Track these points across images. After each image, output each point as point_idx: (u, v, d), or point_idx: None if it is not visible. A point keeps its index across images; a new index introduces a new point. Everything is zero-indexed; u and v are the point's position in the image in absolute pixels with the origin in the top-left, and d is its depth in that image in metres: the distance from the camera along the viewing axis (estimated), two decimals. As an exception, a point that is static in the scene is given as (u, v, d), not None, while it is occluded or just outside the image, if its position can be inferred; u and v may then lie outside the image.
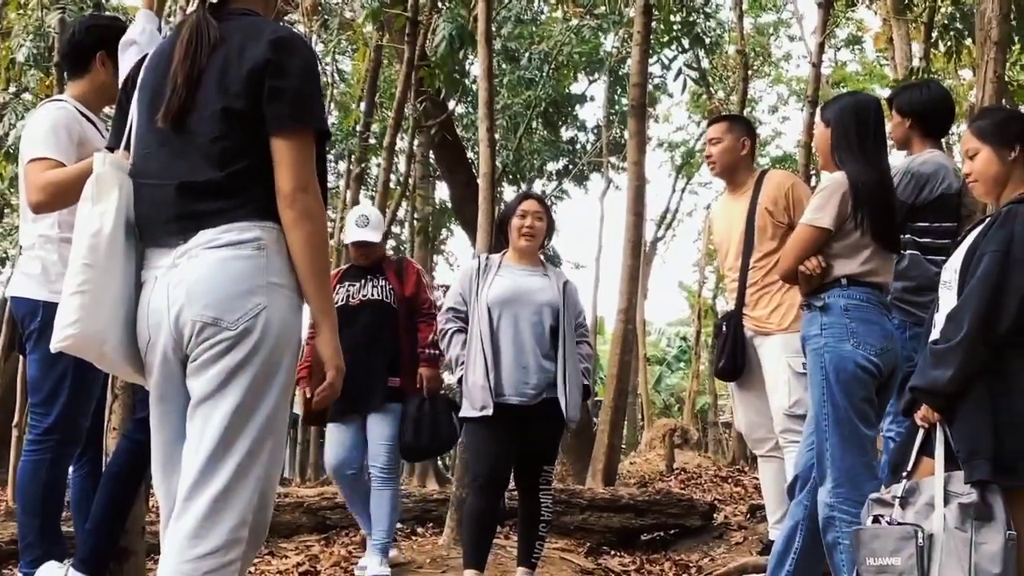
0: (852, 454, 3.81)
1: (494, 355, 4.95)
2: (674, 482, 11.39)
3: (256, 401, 2.48)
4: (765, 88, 24.98)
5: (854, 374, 3.82)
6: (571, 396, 4.93)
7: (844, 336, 3.86)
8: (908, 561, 3.23)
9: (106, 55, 4.01)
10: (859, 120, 4.04)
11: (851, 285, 3.92)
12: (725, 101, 19.05)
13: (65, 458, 3.95)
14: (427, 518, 7.21)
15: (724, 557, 6.37)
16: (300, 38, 2.70)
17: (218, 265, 2.48)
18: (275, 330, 2.48)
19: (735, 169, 5.53)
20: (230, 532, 2.42)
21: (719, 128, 5.63)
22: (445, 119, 11.83)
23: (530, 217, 5.12)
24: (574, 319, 5.14)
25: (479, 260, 5.33)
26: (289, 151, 2.52)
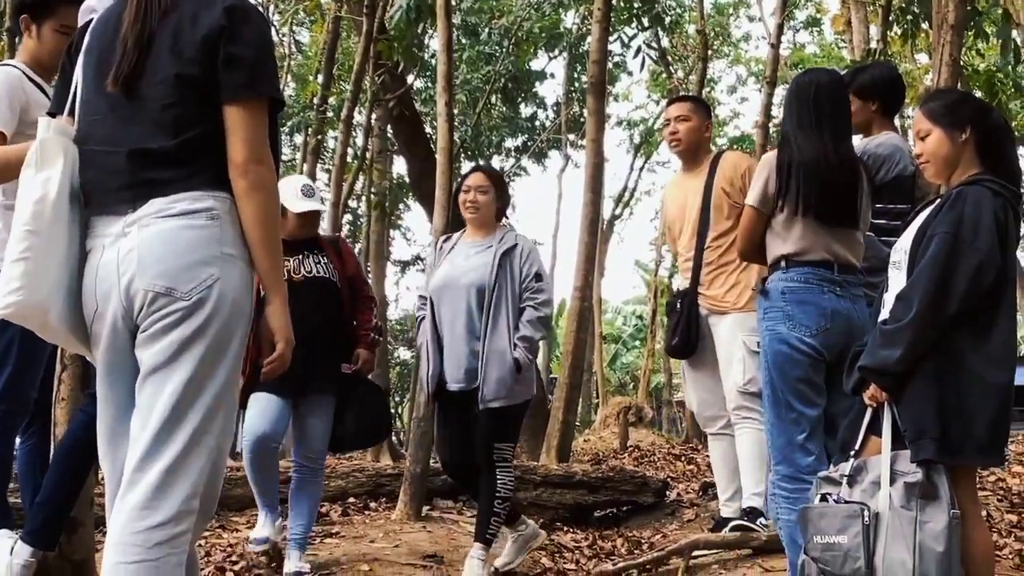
0: (788, 432, 3.88)
1: (436, 343, 5.11)
2: (628, 460, 11.45)
3: (208, 372, 2.46)
4: (724, 68, 25.11)
5: (788, 355, 3.91)
6: (487, 377, 4.91)
7: (781, 319, 3.95)
8: (854, 539, 3.27)
9: (33, 18, 3.93)
10: (798, 97, 4.09)
11: (790, 267, 3.98)
12: (684, 80, 19.09)
13: (11, 429, 3.90)
14: (380, 493, 7.19)
15: (676, 533, 6.40)
16: (253, 6, 2.66)
17: (171, 234, 2.45)
18: (228, 301, 2.47)
19: (697, 149, 5.57)
20: (181, 503, 2.41)
21: (686, 107, 5.65)
22: (403, 93, 11.76)
23: (473, 191, 5.14)
24: (515, 286, 5.02)
25: (436, 244, 5.41)
26: (243, 120, 2.50)
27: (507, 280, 5.01)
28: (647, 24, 10.63)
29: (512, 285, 5.01)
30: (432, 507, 6.91)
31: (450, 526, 6.35)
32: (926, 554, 3.18)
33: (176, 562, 2.40)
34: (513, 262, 5.04)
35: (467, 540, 5.93)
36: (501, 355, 4.92)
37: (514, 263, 5.04)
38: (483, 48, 16.69)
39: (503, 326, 4.96)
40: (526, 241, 5.21)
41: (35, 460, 3.97)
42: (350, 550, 5.48)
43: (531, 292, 5.04)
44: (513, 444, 5.19)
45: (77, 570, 3.82)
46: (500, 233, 5.19)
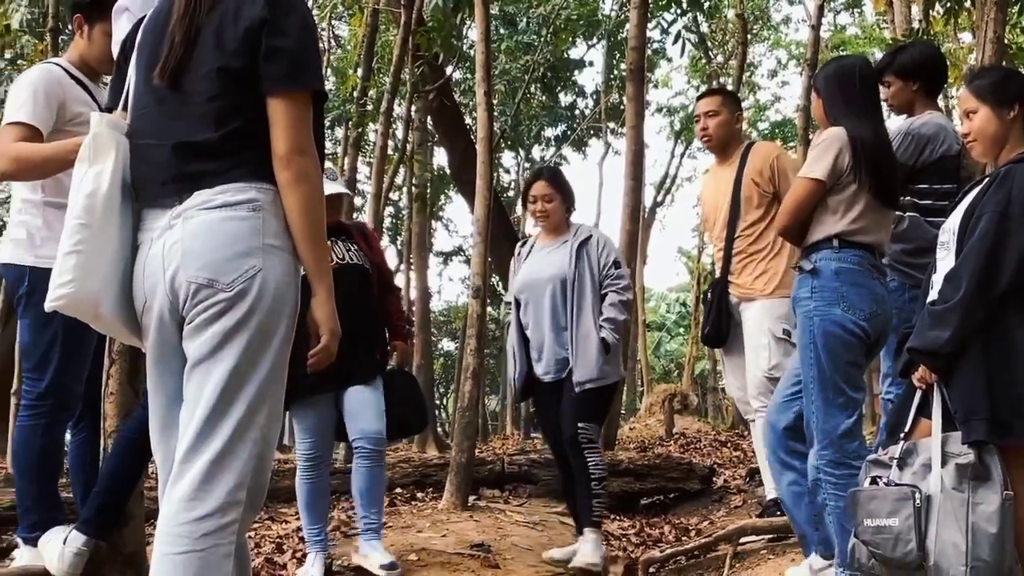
0: (836, 417, 3.82)
1: (523, 342, 5.37)
2: (673, 447, 11.43)
3: (252, 363, 2.46)
4: (764, 52, 24.91)
5: (842, 338, 3.83)
6: (578, 359, 5.12)
7: (834, 300, 3.85)
8: (905, 522, 3.22)
9: (86, 19, 3.99)
10: (842, 83, 4.04)
11: (843, 247, 3.87)
12: (724, 65, 18.96)
13: (60, 423, 3.95)
14: (427, 483, 7.24)
15: (723, 520, 6.40)
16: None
17: (213, 226, 2.46)
18: (271, 292, 2.46)
19: (728, 142, 5.58)
20: (228, 494, 2.41)
21: (715, 101, 5.67)
22: (443, 84, 11.77)
23: (540, 201, 5.39)
24: (596, 276, 5.23)
25: (518, 248, 5.65)
26: (286, 112, 2.49)
27: (586, 270, 5.23)
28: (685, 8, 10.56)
29: (592, 274, 5.23)
30: (478, 496, 6.93)
31: (497, 515, 6.37)
32: (979, 536, 3.13)
33: (224, 553, 2.41)
34: (590, 252, 5.27)
35: (514, 529, 5.95)
36: (588, 338, 5.13)
37: (591, 253, 5.27)
38: (521, 37, 16.66)
39: (588, 312, 5.17)
40: (599, 232, 5.44)
41: (86, 454, 4.01)
42: (397, 540, 5.49)
43: (612, 279, 5.28)
44: (598, 426, 5.26)
45: (128, 562, 3.84)
46: (573, 228, 5.43)
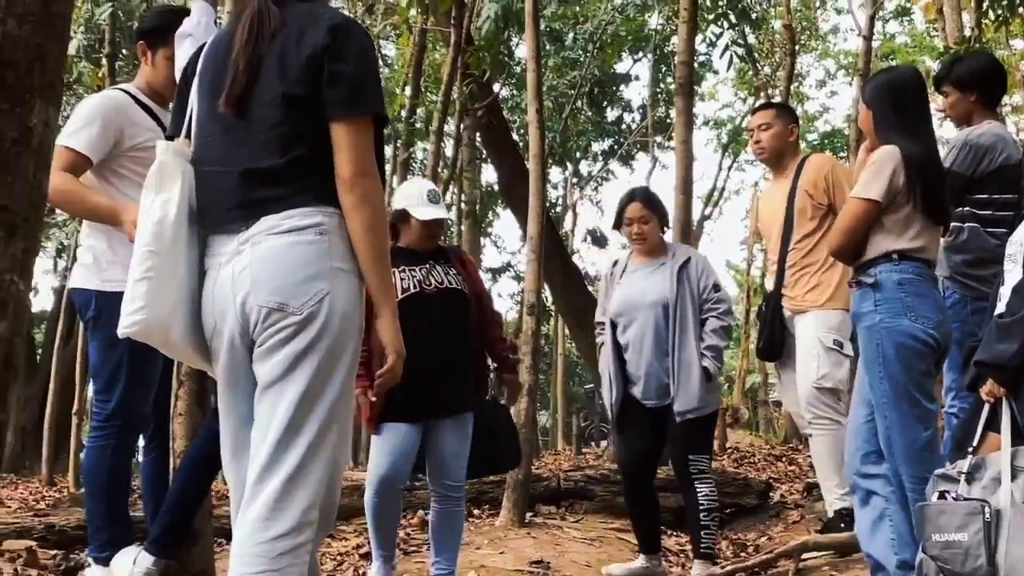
0: (913, 430, 3.77)
1: (620, 365, 5.23)
2: (727, 461, 11.33)
3: (322, 385, 2.49)
4: (812, 63, 24.75)
5: (914, 348, 3.78)
6: (679, 388, 5.01)
7: (900, 311, 3.81)
8: (975, 537, 3.19)
9: (149, 46, 4.08)
10: (894, 96, 4.00)
11: (902, 259, 3.86)
12: (772, 77, 18.88)
13: (128, 444, 4.00)
14: (483, 500, 7.23)
15: (781, 535, 6.34)
16: (357, 23, 2.70)
17: (282, 251, 2.49)
18: (339, 314, 2.49)
19: (783, 155, 5.56)
20: (301, 514, 2.45)
21: (768, 114, 5.64)
22: (491, 101, 11.82)
23: (636, 224, 5.28)
24: (696, 299, 5.13)
25: (608, 269, 5.54)
26: (349, 136, 2.53)
27: (687, 294, 5.12)
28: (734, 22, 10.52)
29: (692, 298, 5.12)
30: (535, 513, 6.93)
31: (554, 532, 6.36)
32: (1052, 552, 3.10)
33: (298, 572, 2.44)
34: (690, 275, 5.16)
35: (572, 545, 5.94)
36: (690, 367, 5.02)
37: (691, 276, 5.16)
38: (568, 54, 16.71)
39: (690, 339, 5.06)
40: (697, 254, 5.38)
41: (156, 474, 4.07)
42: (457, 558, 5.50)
43: (712, 303, 5.17)
44: (708, 456, 5.20)
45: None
46: (671, 250, 5.34)
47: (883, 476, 3.89)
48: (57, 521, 5.87)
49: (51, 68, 1.63)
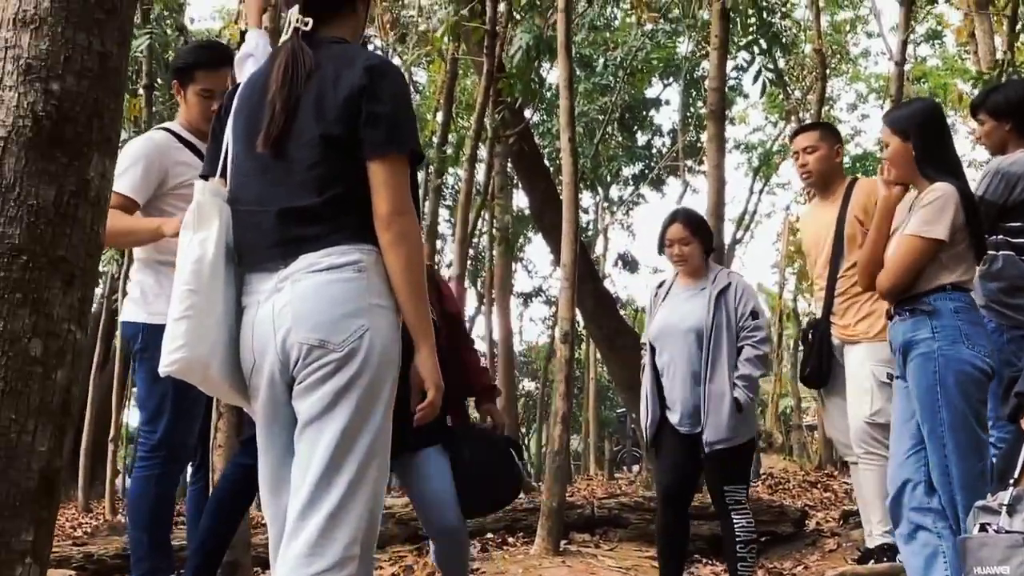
0: (970, 460, 3.76)
1: (657, 389, 5.12)
2: (761, 488, 11.29)
3: (363, 421, 2.52)
4: (843, 86, 24.69)
5: (972, 376, 3.78)
6: (710, 419, 4.88)
7: (958, 338, 3.80)
8: (1018, 570, 3.16)
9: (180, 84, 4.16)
10: (939, 130, 4.00)
11: (955, 290, 3.87)
12: (802, 101, 18.85)
13: (172, 475, 4.06)
14: (517, 527, 7.24)
15: (818, 564, 6.30)
16: (392, 64, 2.75)
17: (322, 288, 2.52)
18: (378, 350, 2.52)
19: (830, 178, 5.45)
20: (344, 550, 2.46)
21: (812, 136, 5.52)
22: (523, 128, 11.87)
23: (677, 245, 5.12)
24: (732, 326, 4.99)
25: (653, 290, 5.41)
26: (386, 175, 2.56)
27: (724, 320, 4.98)
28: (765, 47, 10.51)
29: (729, 324, 4.98)
30: (569, 541, 6.92)
31: (589, 560, 6.35)
32: (1095, 585, 3.07)
33: None
34: (728, 301, 5.01)
35: (606, 574, 5.93)
36: (721, 397, 4.88)
37: (729, 302, 5.01)
38: (599, 80, 16.75)
39: (723, 367, 4.93)
40: (739, 279, 5.20)
41: (200, 503, 4.12)
42: (492, 586, 5.51)
43: (748, 330, 5.00)
44: (745, 486, 5.06)
45: (235, 611, 3.93)
46: (712, 273, 5.18)
47: (935, 511, 3.85)
48: (96, 550, 5.92)
49: (108, 123, 1.68)
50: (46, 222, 1.62)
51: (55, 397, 1.63)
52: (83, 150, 1.66)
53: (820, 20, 15.05)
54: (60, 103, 1.63)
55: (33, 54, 1.62)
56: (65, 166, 1.64)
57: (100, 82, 1.68)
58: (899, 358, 4.00)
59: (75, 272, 1.64)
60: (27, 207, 1.61)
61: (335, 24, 2.77)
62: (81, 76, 1.65)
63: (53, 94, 1.63)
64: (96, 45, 1.67)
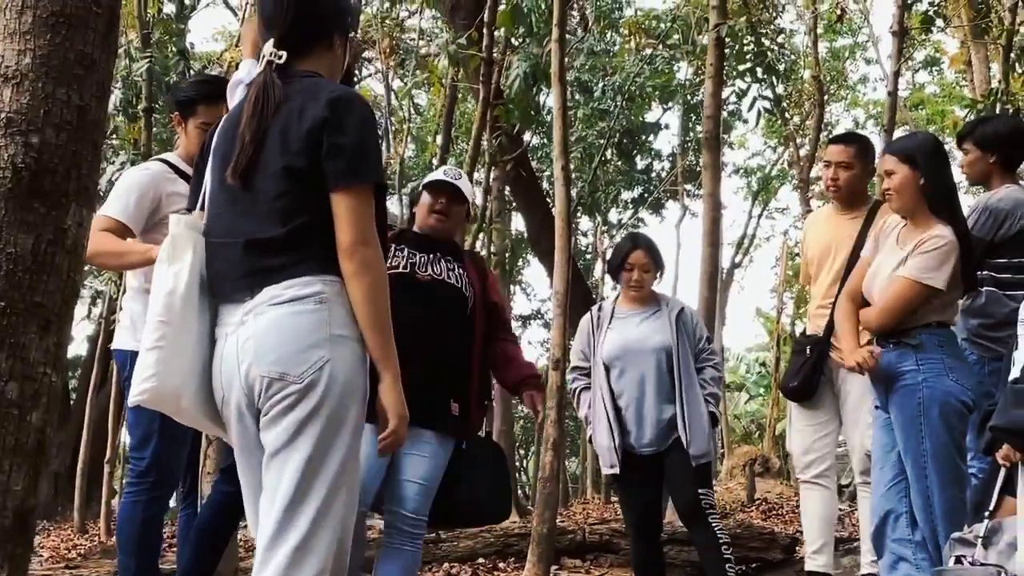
0: (951, 490, 3.82)
1: (615, 412, 5.06)
2: (755, 512, 11.28)
3: (326, 451, 2.54)
4: (842, 112, 24.78)
5: (955, 408, 3.85)
6: (693, 433, 4.91)
7: (942, 371, 3.87)
8: (992, 601, 3.22)
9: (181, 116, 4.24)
10: (946, 162, 4.07)
11: (939, 327, 3.95)
12: (800, 126, 18.92)
13: (160, 500, 4.10)
14: (508, 552, 7.24)
15: (807, 592, 6.31)
16: (357, 96, 2.75)
17: (282, 321, 2.55)
18: (340, 381, 2.54)
19: (857, 196, 5.34)
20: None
21: (850, 152, 5.29)
22: (520, 154, 11.93)
23: (637, 271, 5.15)
24: (692, 348, 5.07)
25: (592, 314, 5.36)
26: (348, 206, 2.58)
27: (686, 342, 5.06)
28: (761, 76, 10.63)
29: (689, 347, 5.06)
30: (560, 566, 6.93)
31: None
32: (1066, 618, 3.12)
33: None
34: (687, 325, 5.11)
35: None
36: (700, 414, 4.95)
37: (688, 326, 5.11)
38: (597, 105, 16.84)
39: (695, 384, 5.00)
40: (688, 306, 5.29)
41: (189, 528, 4.17)
42: (482, 612, 5.53)
43: (707, 353, 5.14)
44: (712, 491, 5.11)
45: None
46: (662, 299, 5.25)
47: (916, 542, 3.89)
48: (87, 573, 5.95)
49: (86, 173, 1.74)
50: (24, 269, 1.69)
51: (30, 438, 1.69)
52: (61, 200, 1.72)
53: (818, 47, 15.17)
54: (39, 155, 1.69)
55: (14, 108, 1.69)
56: (43, 216, 1.70)
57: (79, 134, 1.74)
58: (881, 389, 4.05)
59: (51, 318, 1.70)
60: (6, 255, 1.67)
61: (310, 59, 2.80)
62: (60, 129, 1.71)
63: (33, 147, 1.69)
64: (75, 99, 1.74)
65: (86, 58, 1.79)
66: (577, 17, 15.80)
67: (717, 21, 7.81)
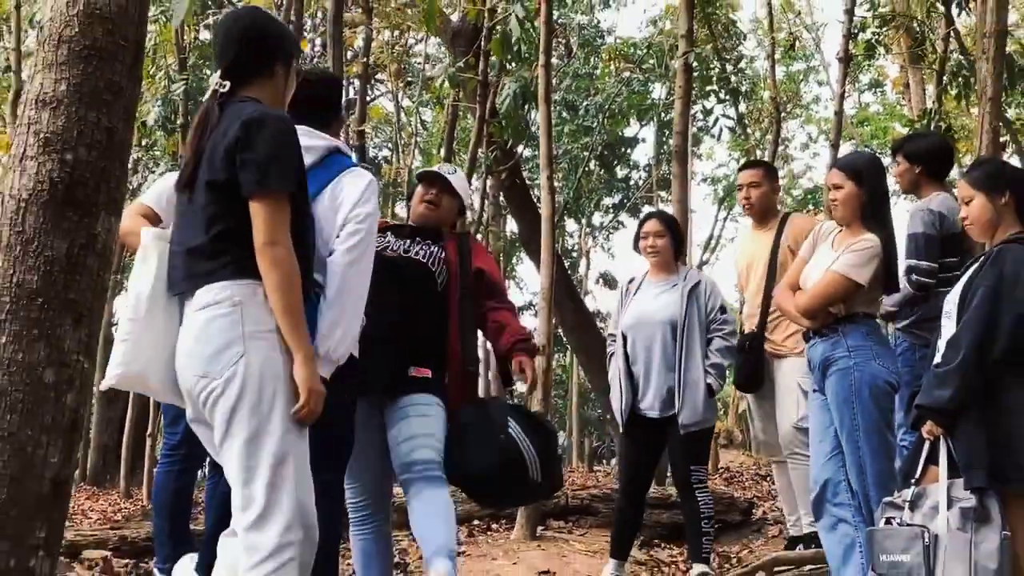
0: (881, 460, 3.85)
1: (628, 377, 5.03)
2: (718, 480, 11.31)
3: (261, 432, 2.54)
4: (797, 128, 24.78)
5: (883, 388, 3.89)
6: (685, 401, 4.85)
7: (870, 356, 3.91)
8: (916, 558, 3.25)
9: None
10: (884, 181, 4.11)
11: (865, 318, 3.99)
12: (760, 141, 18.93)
13: (191, 470, 4.11)
14: (500, 515, 7.24)
15: (761, 548, 6.34)
16: (273, 116, 2.70)
17: (201, 326, 2.59)
18: (257, 369, 2.55)
19: (767, 210, 5.49)
20: (278, 538, 2.52)
21: (756, 174, 5.53)
22: (513, 165, 11.93)
23: (651, 237, 5.11)
24: (704, 318, 4.96)
25: (622, 285, 5.34)
26: (259, 211, 2.58)
27: (695, 313, 4.96)
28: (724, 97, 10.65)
29: (700, 317, 4.96)
30: (545, 527, 6.95)
31: (561, 544, 6.39)
32: (981, 572, 3.17)
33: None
34: (699, 297, 5.00)
35: (575, 557, 5.97)
36: (696, 383, 4.87)
37: (700, 298, 5.00)
38: (581, 121, 16.85)
39: (696, 356, 4.91)
40: (708, 278, 5.20)
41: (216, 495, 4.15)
42: (475, 567, 5.55)
43: (718, 323, 5.00)
44: (706, 467, 5.08)
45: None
46: (683, 271, 5.17)
47: (852, 506, 3.92)
48: (129, 534, 5.96)
49: (114, 186, 1.76)
50: (59, 269, 1.71)
51: (65, 417, 1.71)
52: (92, 209, 1.74)
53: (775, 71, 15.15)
54: (73, 170, 1.71)
55: (51, 129, 1.71)
56: (76, 223, 1.72)
57: (107, 152, 1.76)
58: (818, 374, 4.07)
59: (83, 312, 1.72)
60: (43, 257, 1.69)
61: (252, 86, 2.79)
62: (91, 147, 1.73)
63: (67, 163, 1.71)
64: (104, 122, 1.76)
65: (114, 86, 1.80)
66: (563, 44, 15.79)
67: (686, 49, 7.80)
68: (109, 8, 1.79)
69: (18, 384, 1.65)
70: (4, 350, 1.66)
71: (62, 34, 1.75)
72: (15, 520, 1.62)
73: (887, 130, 19.64)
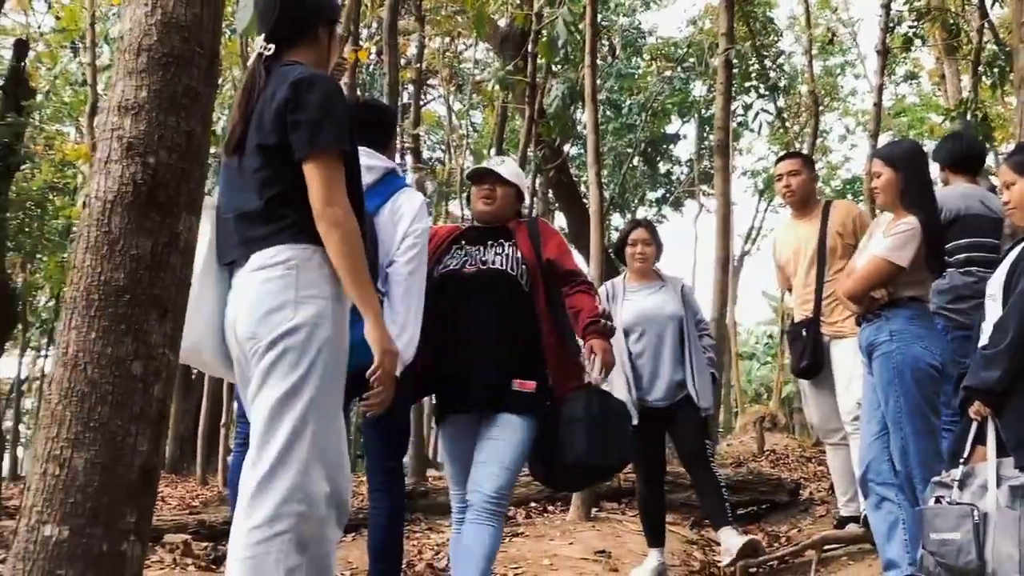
0: (924, 440, 3.78)
1: (634, 371, 5.03)
2: (764, 462, 11.18)
3: (291, 394, 2.44)
4: (834, 120, 24.44)
5: (926, 371, 3.81)
6: (701, 389, 4.94)
7: (912, 340, 3.84)
8: (966, 535, 3.18)
9: None
10: (924, 167, 4.03)
11: (911, 302, 3.90)
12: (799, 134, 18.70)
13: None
14: (556, 497, 7.24)
15: (809, 528, 6.27)
16: (321, 77, 2.61)
17: (254, 287, 2.52)
18: (304, 333, 2.45)
19: (808, 198, 5.42)
20: (276, 507, 2.39)
21: (796, 163, 5.50)
22: (561, 163, 11.92)
23: (640, 244, 5.18)
24: (694, 317, 5.13)
25: (606, 288, 5.33)
26: (313, 172, 2.49)
27: (689, 311, 5.11)
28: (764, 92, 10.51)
29: (689, 317, 5.10)
30: (600, 509, 6.93)
31: (615, 525, 6.37)
32: (1030, 548, 3.07)
33: (274, 559, 2.37)
34: (688, 299, 5.17)
35: (630, 537, 5.95)
36: (703, 371, 4.99)
37: (688, 299, 5.16)
38: (625, 120, 16.77)
39: (700, 348, 5.05)
40: (686, 282, 5.33)
41: None
42: (533, 548, 5.54)
43: (703, 324, 5.23)
44: (713, 443, 5.12)
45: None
46: (663, 276, 5.27)
47: (897, 486, 3.86)
48: (207, 518, 6.05)
49: (194, 187, 1.77)
50: (144, 267, 1.71)
51: (153, 407, 1.72)
52: (173, 210, 1.75)
53: (813, 66, 14.95)
54: (155, 173, 1.72)
55: (133, 134, 1.72)
56: (159, 223, 1.73)
57: (187, 155, 1.77)
58: (865, 357, 4.02)
59: (168, 307, 1.73)
60: (129, 256, 1.70)
61: (296, 50, 2.72)
62: (172, 151, 1.74)
63: (149, 166, 1.72)
64: (183, 126, 1.76)
65: (192, 91, 1.81)
66: (606, 46, 15.71)
67: (726, 46, 7.73)
68: (185, 17, 1.79)
69: (108, 377, 1.67)
70: (94, 345, 1.67)
71: (141, 43, 1.76)
72: (107, 507, 1.64)
73: (923, 120, 19.29)
